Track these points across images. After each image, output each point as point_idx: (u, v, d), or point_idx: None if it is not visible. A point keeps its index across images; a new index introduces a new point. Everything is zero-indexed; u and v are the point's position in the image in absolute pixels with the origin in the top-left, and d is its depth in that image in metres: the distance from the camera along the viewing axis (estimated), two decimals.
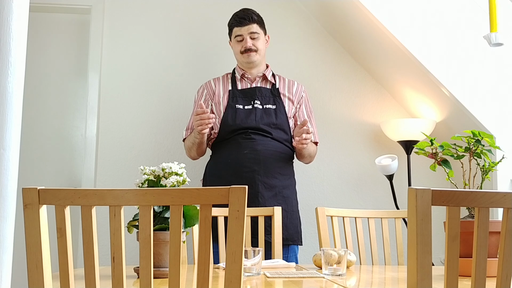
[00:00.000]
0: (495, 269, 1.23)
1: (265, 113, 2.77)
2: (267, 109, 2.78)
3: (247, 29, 2.80)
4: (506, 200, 1.20)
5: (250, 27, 2.80)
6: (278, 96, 2.83)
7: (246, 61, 2.84)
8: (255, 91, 2.82)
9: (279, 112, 2.79)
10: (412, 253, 1.14)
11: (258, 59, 2.84)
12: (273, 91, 2.84)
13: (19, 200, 1.32)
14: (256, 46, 2.81)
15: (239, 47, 2.83)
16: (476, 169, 1.89)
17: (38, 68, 3.38)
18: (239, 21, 2.82)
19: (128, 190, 1.19)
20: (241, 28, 2.81)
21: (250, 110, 2.77)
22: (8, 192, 1.49)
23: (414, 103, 3.38)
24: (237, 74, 2.89)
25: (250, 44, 2.80)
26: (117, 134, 3.28)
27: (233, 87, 2.85)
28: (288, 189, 2.75)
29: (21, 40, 1.56)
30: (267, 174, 2.68)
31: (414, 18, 2.94)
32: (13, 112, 1.52)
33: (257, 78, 2.87)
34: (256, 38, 2.82)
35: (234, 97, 2.80)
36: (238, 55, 2.86)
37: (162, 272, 1.64)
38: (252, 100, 2.79)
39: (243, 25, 2.80)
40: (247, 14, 2.82)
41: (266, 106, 2.78)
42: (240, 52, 2.83)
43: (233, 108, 2.77)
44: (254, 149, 2.69)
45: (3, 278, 1.45)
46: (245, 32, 2.81)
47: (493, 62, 2.95)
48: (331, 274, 1.77)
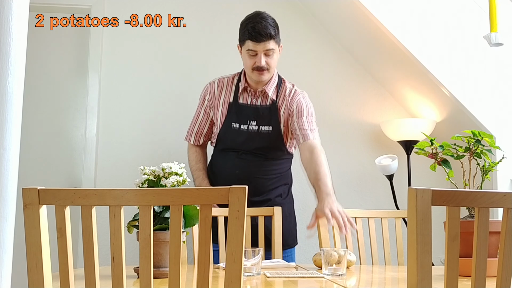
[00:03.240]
0: (495, 269, 1.23)
1: (259, 136, 2.59)
2: (263, 132, 2.59)
3: (263, 46, 2.49)
4: (506, 200, 1.20)
5: (266, 44, 2.49)
6: (276, 115, 2.60)
7: (256, 79, 2.58)
8: (252, 111, 2.60)
9: (273, 135, 2.60)
10: (412, 253, 1.14)
11: (269, 77, 2.59)
12: (272, 109, 2.61)
13: (19, 200, 1.32)
14: (269, 64, 2.54)
15: (251, 62, 2.53)
16: (476, 169, 1.89)
17: (38, 68, 3.38)
18: (255, 36, 2.48)
19: (128, 190, 1.19)
20: (256, 44, 2.49)
21: (245, 132, 2.59)
22: (8, 192, 1.48)
23: (414, 103, 3.38)
24: (241, 84, 2.64)
25: (263, 63, 2.51)
26: (117, 134, 3.28)
27: (234, 99, 2.63)
28: (280, 197, 2.69)
29: (21, 40, 1.56)
30: (258, 193, 2.59)
31: (414, 18, 2.94)
32: (13, 112, 1.52)
33: (259, 92, 2.63)
34: (270, 55, 2.53)
35: (232, 113, 2.61)
36: (248, 69, 2.58)
37: (162, 272, 1.64)
38: (249, 120, 2.60)
39: (260, 41, 2.48)
40: (264, 30, 2.47)
41: (262, 128, 2.59)
42: (251, 68, 2.55)
43: (228, 127, 2.61)
44: (245, 171, 2.57)
45: (3, 278, 1.45)
46: (260, 49, 2.50)
47: (493, 62, 2.95)
48: (331, 274, 1.77)
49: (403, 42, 2.90)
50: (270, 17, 2.55)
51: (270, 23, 2.51)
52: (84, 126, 3.31)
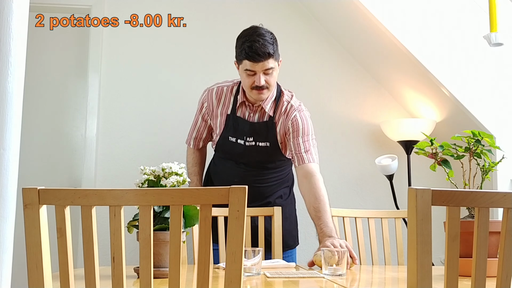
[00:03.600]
0: (495, 269, 1.23)
1: (256, 150, 2.53)
2: (260, 147, 2.53)
3: (262, 66, 2.37)
4: (506, 200, 1.20)
5: (265, 63, 2.36)
6: (273, 130, 2.51)
7: (256, 98, 2.47)
8: (249, 127, 2.52)
9: (271, 149, 2.54)
10: (412, 253, 1.14)
11: (268, 95, 2.48)
12: (269, 125, 2.52)
13: (19, 200, 1.32)
14: (269, 82, 2.41)
15: (249, 82, 2.41)
16: (476, 169, 1.89)
17: (38, 68, 3.38)
18: (253, 56, 2.35)
19: (128, 190, 1.19)
20: (254, 64, 2.37)
21: (242, 146, 2.53)
22: (8, 192, 1.48)
23: (414, 103, 3.38)
24: (239, 98, 2.53)
25: (263, 82, 2.39)
26: (117, 134, 3.28)
27: (232, 111, 2.54)
28: (281, 198, 2.68)
29: (21, 40, 1.56)
30: (257, 200, 2.56)
31: (414, 18, 2.94)
32: (13, 112, 1.52)
33: (255, 106, 2.54)
34: (270, 74, 2.40)
35: (229, 127, 2.54)
36: (246, 87, 2.46)
37: (162, 272, 1.64)
38: (245, 136, 2.53)
39: (257, 61, 2.35)
40: (262, 49, 2.34)
41: (259, 144, 2.52)
42: (250, 87, 2.43)
43: (225, 139, 2.55)
44: (244, 180, 2.45)
45: (3, 278, 1.45)
46: (259, 69, 2.38)
47: (493, 62, 2.95)
48: (331, 274, 1.77)
49: (403, 42, 2.90)
50: (268, 33, 2.41)
51: (268, 40, 2.37)
52: (84, 126, 3.31)
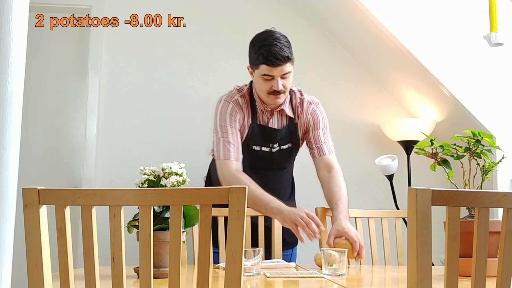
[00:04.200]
0: (495, 269, 1.23)
1: (281, 154, 2.51)
2: (283, 150, 2.51)
3: (280, 70, 2.32)
4: (506, 200, 1.20)
5: (283, 68, 2.32)
6: (295, 134, 2.51)
7: (272, 103, 2.43)
8: (276, 134, 2.48)
9: (293, 150, 2.55)
10: (412, 253, 1.14)
11: (284, 99, 2.44)
12: (290, 127, 2.50)
13: (19, 200, 1.32)
14: (285, 87, 2.37)
15: (266, 87, 2.36)
16: (476, 169, 1.89)
17: (38, 68, 3.38)
18: (271, 61, 2.30)
19: (128, 190, 1.19)
20: (272, 68, 2.32)
21: (267, 154, 2.49)
22: (8, 192, 1.48)
23: (414, 103, 3.38)
24: (257, 104, 2.47)
25: (281, 86, 2.35)
26: (117, 134, 3.28)
27: (253, 119, 2.46)
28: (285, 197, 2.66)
29: (21, 40, 1.56)
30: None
31: (414, 18, 2.94)
32: (13, 112, 1.52)
33: (275, 112, 2.48)
34: (287, 78, 2.37)
35: (253, 136, 2.46)
36: (262, 92, 2.40)
37: (162, 272, 1.64)
38: (271, 143, 2.48)
39: (276, 66, 2.31)
40: (281, 53, 2.30)
41: (283, 147, 2.51)
42: (266, 92, 2.38)
43: (249, 148, 2.47)
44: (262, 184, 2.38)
45: (3, 278, 1.45)
46: (277, 73, 2.33)
47: (493, 62, 2.95)
48: (331, 274, 1.77)
49: (403, 42, 2.90)
50: (283, 36, 2.37)
51: (284, 44, 2.33)
52: (84, 126, 3.31)
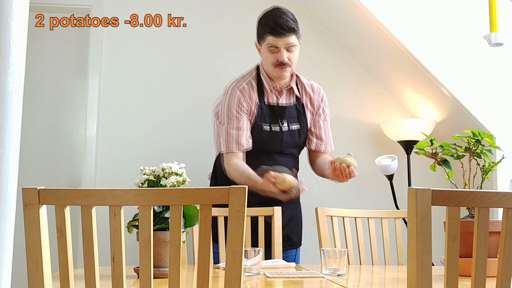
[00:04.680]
0: (495, 269, 1.23)
1: (290, 135, 2.56)
2: (293, 131, 2.57)
3: (285, 41, 2.42)
4: (506, 200, 1.20)
5: (288, 38, 2.42)
6: (303, 114, 2.59)
7: (278, 76, 2.51)
8: (284, 111, 2.55)
9: (302, 132, 2.60)
10: (412, 253, 1.14)
11: (290, 73, 2.53)
12: (298, 107, 2.59)
13: (19, 200, 1.32)
14: (291, 60, 2.47)
15: (272, 59, 2.46)
16: (476, 169, 1.89)
17: (38, 68, 3.38)
18: (277, 30, 2.41)
19: (128, 190, 1.19)
20: (278, 39, 2.42)
21: (277, 134, 2.53)
22: (8, 192, 1.49)
23: (414, 103, 3.38)
24: (266, 84, 2.55)
25: (285, 58, 2.44)
26: (117, 134, 3.28)
27: (261, 100, 2.54)
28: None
29: (21, 40, 1.56)
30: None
31: (414, 19, 2.94)
32: (13, 112, 1.52)
33: (284, 90, 2.58)
34: (292, 51, 2.46)
35: (262, 115, 2.52)
36: (268, 65, 2.50)
37: (162, 272, 1.64)
38: (280, 120, 2.55)
39: (282, 36, 2.41)
40: (286, 24, 2.41)
41: (292, 127, 2.56)
42: (272, 64, 2.47)
43: (259, 128, 2.51)
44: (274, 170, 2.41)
45: (3, 278, 1.45)
46: (282, 44, 2.43)
47: (493, 62, 2.95)
48: (331, 274, 1.77)
49: (403, 42, 2.90)
50: (289, 12, 2.48)
51: (290, 17, 2.45)
52: (84, 126, 3.31)
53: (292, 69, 2.52)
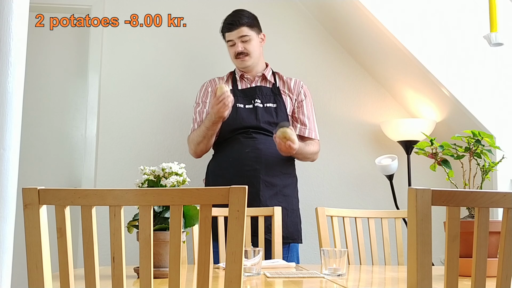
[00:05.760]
0: (495, 269, 1.23)
1: (266, 112, 2.78)
2: (268, 107, 2.79)
3: (237, 33, 2.80)
4: (506, 200, 1.20)
5: (239, 31, 2.79)
6: (278, 95, 2.84)
7: (240, 66, 2.86)
8: (255, 90, 2.83)
9: (279, 110, 2.79)
10: (412, 253, 1.14)
11: (252, 62, 2.84)
12: (273, 90, 2.85)
13: (19, 200, 1.32)
14: (247, 49, 2.81)
15: (232, 52, 2.85)
16: (476, 169, 1.89)
17: (38, 68, 3.38)
18: (228, 26, 2.82)
19: (128, 190, 1.19)
20: (230, 33, 2.81)
21: (251, 110, 2.78)
22: (8, 192, 1.49)
23: (414, 103, 3.38)
24: (237, 75, 2.90)
25: (241, 48, 2.80)
26: (117, 134, 3.28)
27: (234, 86, 2.85)
28: (288, 188, 2.75)
29: (21, 40, 1.56)
30: (269, 173, 2.68)
31: (414, 18, 2.94)
32: (13, 112, 1.52)
33: (257, 78, 2.88)
34: (247, 41, 2.81)
35: (235, 97, 2.74)
36: (233, 59, 2.88)
37: (162, 272, 1.64)
38: (253, 99, 2.80)
39: (232, 30, 2.80)
40: (235, 18, 2.81)
41: (267, 104, 2.79)
42: (234, 56, 2.84)
43: (234, 107, 2.72)
44: (255, 148, 2.69)
45: (3, 278, 1.45)
46: (235, 37, 2.80)
47: (493, 62, 2.95)
48: (331, 274, 1.77)
49: (403, 42, 2.90)
50: (246, 11, 2.85)
51: (244, 14, 2.82)
52: (84, 126, 3.31)
53: (252, 58, 2.82)
